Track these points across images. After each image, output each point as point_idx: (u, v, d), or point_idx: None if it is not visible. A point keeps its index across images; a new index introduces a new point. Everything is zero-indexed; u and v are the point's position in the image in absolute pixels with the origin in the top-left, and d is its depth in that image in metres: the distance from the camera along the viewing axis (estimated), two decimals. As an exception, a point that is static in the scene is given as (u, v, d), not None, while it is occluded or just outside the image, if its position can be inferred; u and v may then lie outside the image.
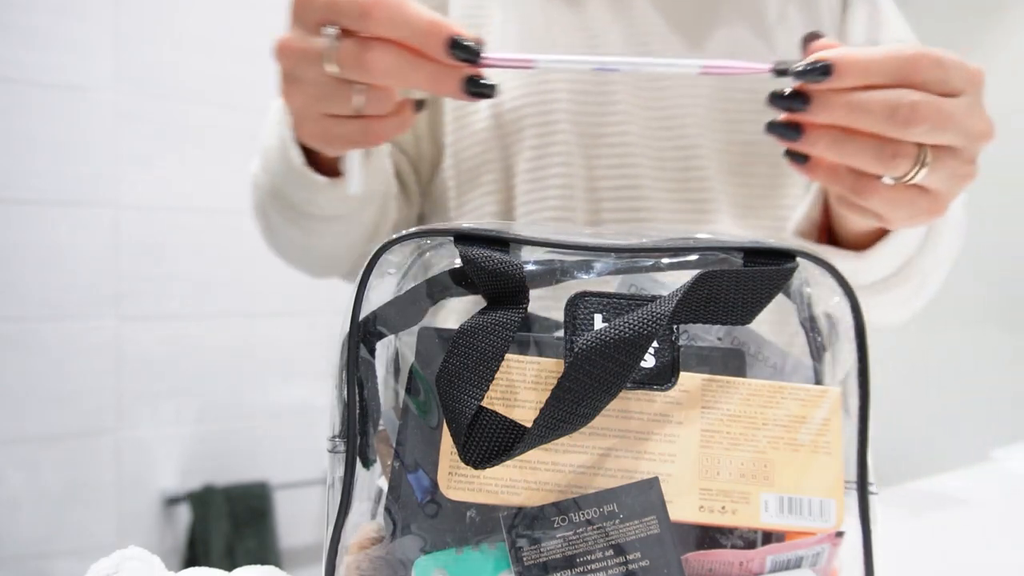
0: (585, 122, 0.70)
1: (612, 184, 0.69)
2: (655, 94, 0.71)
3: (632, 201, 0.69)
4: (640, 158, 0.70)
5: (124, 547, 0.43)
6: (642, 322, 0.35)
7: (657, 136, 0.71)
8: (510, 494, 0.38)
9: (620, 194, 0.69)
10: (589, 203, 0.69)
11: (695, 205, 0.70)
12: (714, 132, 0.71)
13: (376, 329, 0.40)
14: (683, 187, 0.70)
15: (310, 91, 0.46)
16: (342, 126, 0.48)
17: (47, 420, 1.77)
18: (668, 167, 0.70)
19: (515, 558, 0.36)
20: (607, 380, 0.35)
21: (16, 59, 1.77)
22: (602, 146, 0.70)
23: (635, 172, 0.69)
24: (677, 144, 0.71)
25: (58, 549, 1.77)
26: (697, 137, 0.71)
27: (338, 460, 0.39)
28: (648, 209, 0.69)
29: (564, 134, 0.70)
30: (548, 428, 0.35)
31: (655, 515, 0.37)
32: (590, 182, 0.69)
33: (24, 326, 1.76)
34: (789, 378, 0.43)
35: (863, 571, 0.41)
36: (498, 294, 0.38)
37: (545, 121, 0.70)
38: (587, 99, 0.70)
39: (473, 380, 0.36)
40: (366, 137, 0.48)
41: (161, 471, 1.89)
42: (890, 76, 0.43)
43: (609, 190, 0.69)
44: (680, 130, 0.71)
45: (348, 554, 0.39)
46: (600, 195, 0.69)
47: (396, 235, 0.40)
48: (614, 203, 0.69)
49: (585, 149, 0.70)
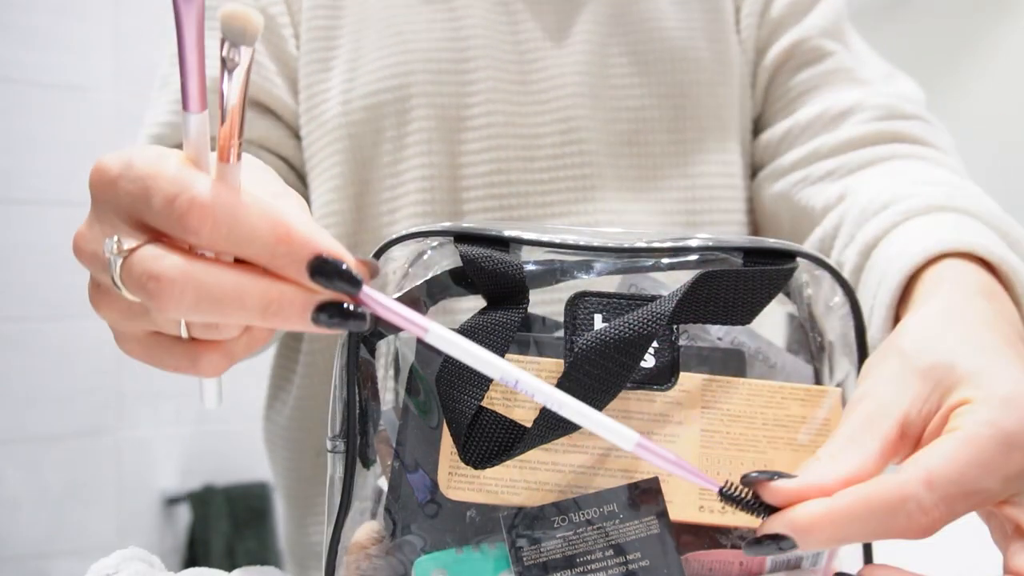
0: (446, 104, 0.62)
1: (478, 171, 0.62)
2: (525, 67, 0.64)
3: (501, 187, 0.62)
4: (509, 139, 0.62)
5: (124, 547, 0.43)
6: (642, 322, 0.35)
7: (529, 113, 0.63)
8: (510, 494, 0.38)
9: (487, 180, 0.62)
10: (451, 192, 0.62)
11: (576, 183, 0.63)
12: (595, 102, 0.64)
13: (376, 329, 0.40)
14: (560, 165, 0.63)
15: (120, 304, 0.32)
16: (167, 351, 0.34)
17: (47, 420, 1.77)
18: (545, 145, 0.63)
19: (515, 558, 0.36)
20: (607, 380, 0.35)
21: (16, 59, 1.77)
22: (466, 130, 0.63)
23: (504, 156, 0.62)
24: (555, 118, 0.63)
25: (58, 549, 1.76)
26: (575, 109, 0.63)
27: (338, 460, 0.39)
28: (519, 195, 0.62)
29: (423, 120, 0.62)
30: (548, 428, 0.35)
31: (655, 515, 0.37)
32: (453, 170, 0.62)
33: (24, 326, 1.76)
34: (788, 378, 0.43)
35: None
36: (498, 294, 0.38)
37: (402, 109, 0.62)
38: (447, 79, 0.63)
39: (473, 380, 0.36)
40: (196, 369, 0.34)
41: (161, 471, 1.89)
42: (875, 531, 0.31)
43: (474, 178, 0.62)
44: (556, 103, 0.63)
45: (348, 554, 0.39)
46: (465, 183, 0.62)
47: (396, 235, 0.40)
48: (481, 191, 0.62)
49: (447, 134, 0.62)
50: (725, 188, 0.66)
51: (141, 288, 0.29)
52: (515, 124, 0.63)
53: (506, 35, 0.64)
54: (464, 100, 0.63)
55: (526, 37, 0.64)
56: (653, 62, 0.65)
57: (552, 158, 0.63)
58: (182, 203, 0.28)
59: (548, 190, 0.62)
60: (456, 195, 0.62)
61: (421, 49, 0.63)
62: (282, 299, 0.30)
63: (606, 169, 0.63)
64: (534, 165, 0.62)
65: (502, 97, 0.63)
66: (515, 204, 0.62)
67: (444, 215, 0.62)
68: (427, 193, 0.62)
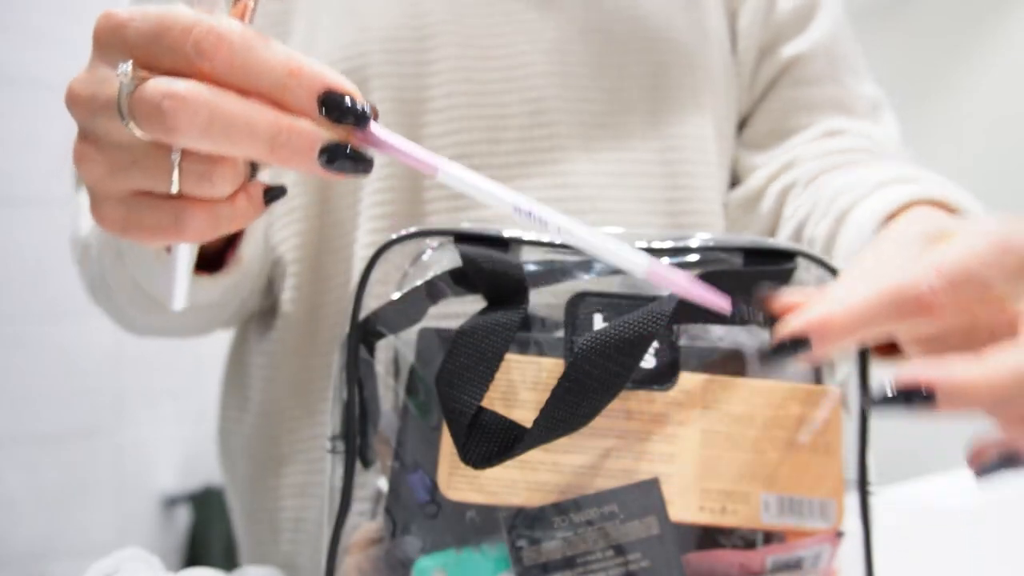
0: (404, 85, 0.59)
1: (441, 155, 0.60)
2: (491, 42, 0.60)
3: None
4: (474, 120, 0.59)
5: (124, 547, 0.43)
6: (642, 322, 0.35)
7: (495, 92, 0.60)
8: (510, 495, 0.38)
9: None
10: (413, 179, 0.59)
11: (545, 167, 0.59)
12: (567, 80, 0.60)
13: (376, 329, 0.40)
14: (528, 148, 0.59)
15: (109, 155, 0.32)
16: (151, 208, 0.32)
17: (47, 420, 1.77)
18: (511, 126, 0.59)
19: (515, 558, 0.36)
20: (608, 380, 0.35)
21: (16, 59, 1.77)
22: (427, 112, 0.59)
23: (468, 138, 0.59)
24: (523, 98, 0.60)
25: (58, 549, 1.76)
26: (545, 89, 0.60)
27: (338, 460, 0.39)
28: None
29: (380, 103, 0.59)
30: (548, 428, 0.35)
31: (655, 515, 0.37)
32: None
33: (24, 326, 1.76)
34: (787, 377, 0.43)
35: (864, 571, 0.41)
36: (498, 294, 0.38)
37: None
38: (405, 58, 0.59)
39: (473, 380, 0.36)
40: (180, 229, 0.32)
41: (161, 471, 1.89)
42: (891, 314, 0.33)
43: None
44: (523, 81, 0.60)
45: (348, 555, 0.39)
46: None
47: (396, 235, 0.40)
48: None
49: (407, 117, 0.59)
50: (703, 177, 0.64)
51: (155, 108, 0.29)
52: (479, 104, 0.59)
53: (471, 9, 0.61)
54: (424, 80, 0.59)
55: (493, 11, 0.61)
56: (628, 41, 0.62)
57: (520, 140, 0.59)
58: (200, 31, 0.29)
59: (516, 174, 0.59)
60: (417, 181, 0.59)
61: (376, 27, 0.59)
62: (292, 129, 0.30)
63: (577, 152, 0.60)
64: (500, 148, 0.59)
65: (465, 76, 0.60)
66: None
67: (406, 202, 0.59)
68: (387, 180, 0.59)
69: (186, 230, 0.32)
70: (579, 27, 0.61)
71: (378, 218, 0.58)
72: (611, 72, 0.62)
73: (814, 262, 0.41)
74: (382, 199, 0.59)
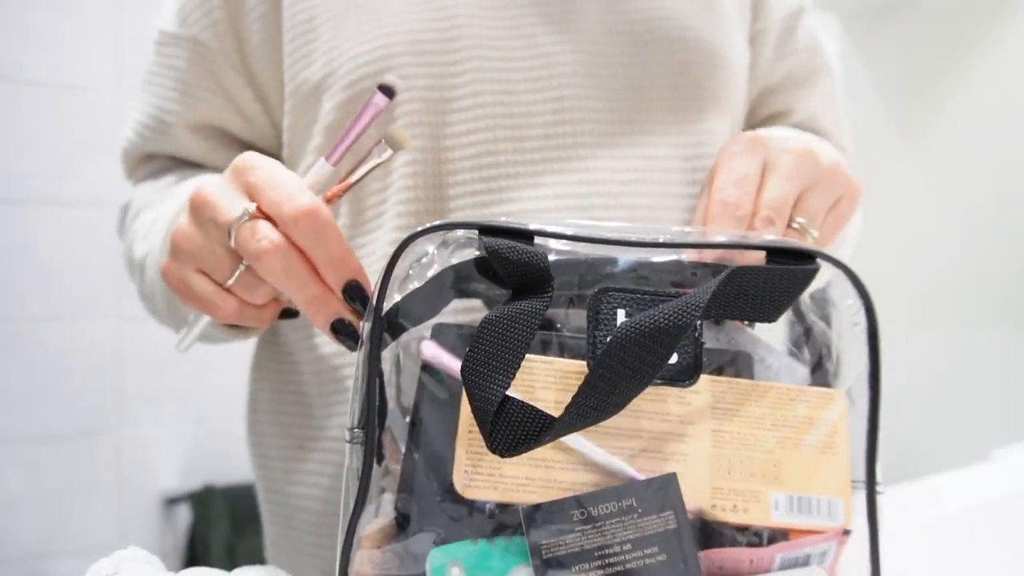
0: (430, 86, 0.60)
1: (465, 153, 0.60)
2: (516, 43, 0.61)
3: (488, 169, 0.60)
4: (498, 119, 0.60)
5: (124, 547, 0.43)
6: (678, 312, 0.35)
7: (520, 91, 0.61)
8: (525, 493, 0.38)
9: (474, 163, 0.60)
10: (437, 177, 0.60)
11: (569, 164, 0.61)
12: (591, 80, 0.62)
13: (398, 321, 0.40)
14: (552, 145, 0.61)
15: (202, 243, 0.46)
16: (203, 287, 0.47)
17: (47, 420, 1.77)
18: (536, 124, 0.61)
19: (533, 551, 0.36)
20: (641, 369, 0.35)
21: (16, 59, 1.77)
22: (452, 112, 0.60)
23: (492, 136, 0.60)
24: (547, 97, 0.61)
25: (58, 549, 1.76)
26: (570, 88, 0.61)
27: (356, 451, 0.39)
28: (509, 176, 0.60)
29: (406, 104, 0.60)
30: (579, 415, 0.35)
31: (672, 510, 0.37)
32: (437, 153, 0.60)
33: (24, 326, 1.76)
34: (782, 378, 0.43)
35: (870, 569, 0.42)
36: (523, 284, 0.39)
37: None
38: (431, 59, 0.60)
39: (500, 368, 0.36)
40: (214, 307, 0.47)
41: (161, 471, 1.89)
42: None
43: (459, 161, 0.60)
44: (548, 81, 0.61)
45: (362, 548, 0.39)
46: (451, 167, 0.60)
47: (420, 228, 0.40)
48: (468, 173, 0.60)
49: (432, 116, 0.60)
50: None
51: (254, 242, 0.43)
52: (504, 103, 0.60)
53: (496, 11, 0.62)
54: (449, 81, 0.60)
55: (518, 13, 0.62)
56: (651, 42, 0.63)
57: (543, 138, 0.61)
58: (301, 202, 0.43)
59: (539, 171, 0.60)
60: (441, 179, 0.60)
61: (402, 29, 0.61)
62: (324, 298, 0.44)
63: (601, 150, 0.61)
64: (524, 145, 0.60)
65: (490, 76, 0.61)
66: (504, 187, 0.60)
67: (430, 198, 0.60)
68: (412, 179, 0.60)
69: (217, 311, 0.47)
70: (602, 28, 0.63)
71: (403, 216, 0.60)
72: (634, 71, 0.63)
73: (832, 263, 0.41)
74: (407, 197, 0.60)
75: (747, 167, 0.49)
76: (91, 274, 1.81)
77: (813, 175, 0.50)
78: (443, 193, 0.60)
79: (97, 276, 1.82)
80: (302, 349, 0.67)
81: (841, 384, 0.44)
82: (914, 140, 2.14)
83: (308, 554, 0.66)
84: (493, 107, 0.60)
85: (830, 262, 0.41)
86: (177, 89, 0.68)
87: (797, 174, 0.49)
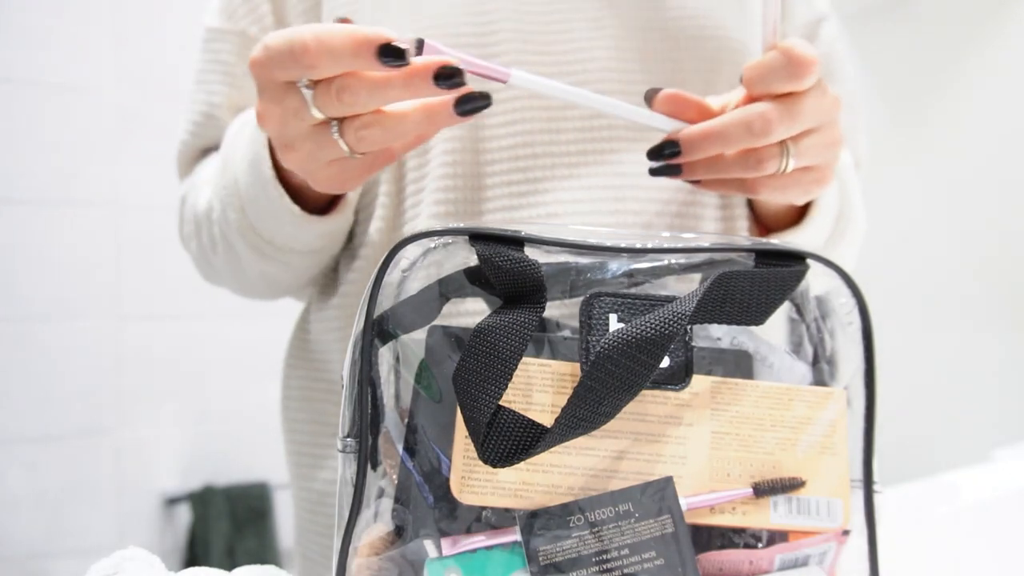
0: (469, 78, 0.64)
1: (502, 144, 0.62)
2: (552, 38, 0.64)
3: (526, 160, 0.62)
4: (535, 111, 0.62)
5: (124, 547, 0.43)
6: (664, 321, 0.36)
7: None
8: (522, 498, 0.38)
9: (511, 153, 0.62)
10: (475, 167, 0.62)
11: (604, 156, 0.63)
12: (625, 75, 0.64)
13: (389, 328, 0.40)
14: (588, 138, 0.63)
15: (306, 146, 0.45)
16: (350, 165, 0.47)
17: (47, 420, 1.77)
18: (572, 116, 0.63)
19: (531, 557, 0.36)
20: (629, 379, 0.35)
21: (16, 59, 1.76)
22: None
23: (529, 128, 0.62)
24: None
25: (58, 549, 1.76)
26: (605, 83, 0.63)
27: (349, 460, 0.39)
28: (546, 167, 0.62)
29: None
30: (569, 426, 0.35)
31: (670, 514, 0.37)
32: (476, 143, 0.62)
33: (24, 326, 1.76)
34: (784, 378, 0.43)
35: (868, 569, 0.42)
36: (515, 293, 0.38)
37: None
38: (470, 52, 0.64)
39: (491, 379, 0.36)
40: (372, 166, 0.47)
41: (161, 471, 1.89)
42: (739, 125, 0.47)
43: (497, 151, 0.62)
44: (584, 75, 0.63)
45: (359, 556, 0.39)
46: (488, 156, 0.62)
47: (411, 234, 0.40)
48: (506, 164, 0.62)
49: None
50: None
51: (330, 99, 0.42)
52: (540, 96, 0.62)
53: (533, 6, 0.64)
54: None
55: (555, 8, 0.64)
56: (684, 39, 0.66)
57: (579, 130, 0.63)
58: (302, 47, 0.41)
59: (575, 163, 0.62)
60: (479, 168, 0.62)
61: (440, 24, 0.63)
62: (435, 104, 0.43)
63: (634, 143, 0.63)
64: (561, 137, 0.62)
65: (527, 69, 0.61)
66: (540, 178, 0.61)
67: (468, 187, 0.62)
68: (451, 167, 0.62)
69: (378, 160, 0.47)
70: (636, 25, 0.65)
71: (441, 203, 0.61)
72: (666, 67, 0.65)
73: (824, 264, 0.41)
74: (445, 185, 0.62)
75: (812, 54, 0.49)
76: (91, 274, 1.81)
77: (826, 123, 0.50)
78: (480, 183, 0.62)
79: (97, 276, 1.82)
80: (333, 347, 0.68)
81: (838, 384, 0.44)
82: (914, 140, 2.14)
83: (333, 537, 0.68)
84: (529, 99, 0.62)
85: (821, 262, 0.41)
86: (225, 82, 0.71)
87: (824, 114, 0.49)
